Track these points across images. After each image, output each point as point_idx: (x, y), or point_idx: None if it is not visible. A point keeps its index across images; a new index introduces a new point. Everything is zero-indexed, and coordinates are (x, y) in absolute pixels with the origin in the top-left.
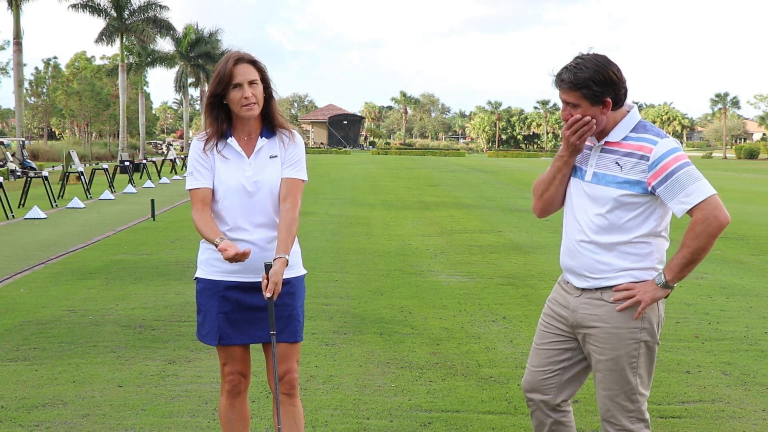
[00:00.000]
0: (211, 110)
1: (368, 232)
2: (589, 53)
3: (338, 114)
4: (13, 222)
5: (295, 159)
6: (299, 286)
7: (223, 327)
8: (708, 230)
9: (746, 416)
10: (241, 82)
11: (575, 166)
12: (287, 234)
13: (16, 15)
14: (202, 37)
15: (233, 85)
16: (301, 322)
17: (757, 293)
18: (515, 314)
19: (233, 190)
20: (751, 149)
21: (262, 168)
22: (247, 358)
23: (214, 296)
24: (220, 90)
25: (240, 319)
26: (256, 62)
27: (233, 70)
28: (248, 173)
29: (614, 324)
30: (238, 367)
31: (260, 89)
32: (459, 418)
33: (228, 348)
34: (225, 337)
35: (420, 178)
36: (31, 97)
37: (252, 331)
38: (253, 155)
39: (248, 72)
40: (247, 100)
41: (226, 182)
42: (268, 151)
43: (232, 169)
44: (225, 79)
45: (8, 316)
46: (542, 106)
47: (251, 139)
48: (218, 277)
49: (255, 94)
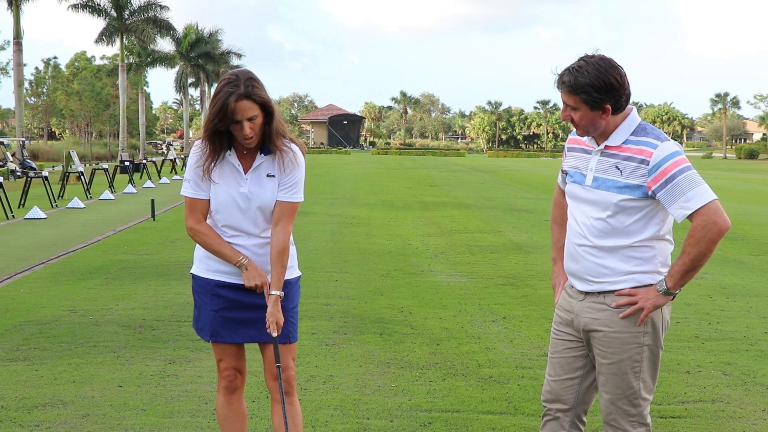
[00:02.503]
0: (212, 135)
1: (368, 232)
2: (594, 55)
3: (338, 114)
4: (13, 222)
5: (293, 182)
6: (293, 288)
7: (215, 325)
8: (708, 236)
9: (746, 416)
10: (240, 119)
11: (574, 172)
12: (279, 267)
13: (16, 15)
14: (202, 37)
15: (233, 121)
16: (294, 323)
17: (757, 293)
18: (515, 314)
19: (226, 204)
20: (751, 149)
21: (257, 185)
22: (242, 354)
23: (206, 293)
24: (221, 126)
25: (232, 318)
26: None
27: (234, 108)
28: (243, 189)
29: (617, 328)
30: (233, 363)
31: (259, 121)
32: (459, 418)
33: (221, 344)
34: (216, 335)
35: (420, 178)
36: (31, 97)
37: (243, 331)
38: (251, 171)
39: (247, 109)
40: (245, 136)
41: (220, 197)
42: (265, 169)
43: (228, 183)
44: (228, 116)
45: (8, 316)
46: (542, 106)
47: (250, 154)
48: (210, 275)
49: (253, 128)
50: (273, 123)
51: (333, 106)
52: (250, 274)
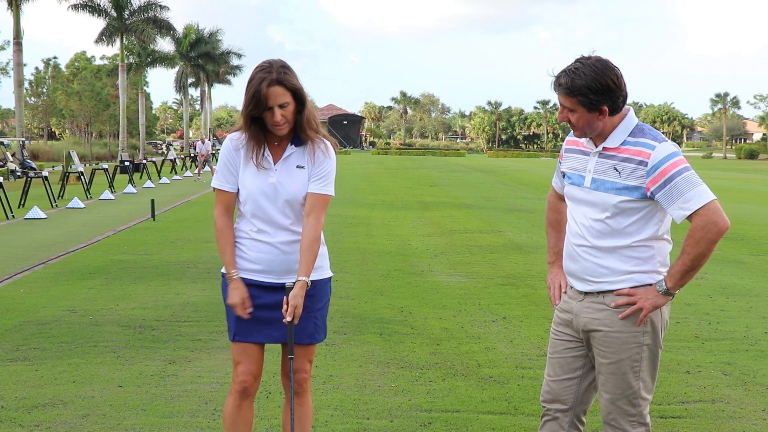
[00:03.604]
0: (250, 124)
1: (368, 232)
2: (590, 57)
3: (338, 114)
4: (13, 222)
5: (324, 173)
6: (321, 288)
7: (240, 323)
8: (707, 236)
9: (746, 416)
10: (272, 105)
11: (572, 173)
12: (309, 254)
13: (16, 15)
14: (202, 37)
15: (266, 107)
16: (319, 325)
17: (757, 293)
18: (515, 314)
19: (255, 195)
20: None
21: (287, 176)
22: (261, 360)
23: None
24: (256, 113)
25: (257, 318)
26: (287, 84)
27: (267, 93)
28: (272, 180)
29: (616, 328)
30: (251, 367)
31: (291, 109)
32: (459, 418)
33: (243, 345)
34: (240, 333)
35: (420, 178)
36: (31, 97)
37: (268, 330)
38: (280, 162)
39: (279, 95)
40: (276, 122)
41: (249, 187)
42: (295, 160)
43: (256, 174)
44: (261, 102)
45: (8, 316)
46: (542, 106)
47: (281, 145)
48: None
49: (285, 115)
50: (305, 112)
51: (333, 106)
52: (233, 291)
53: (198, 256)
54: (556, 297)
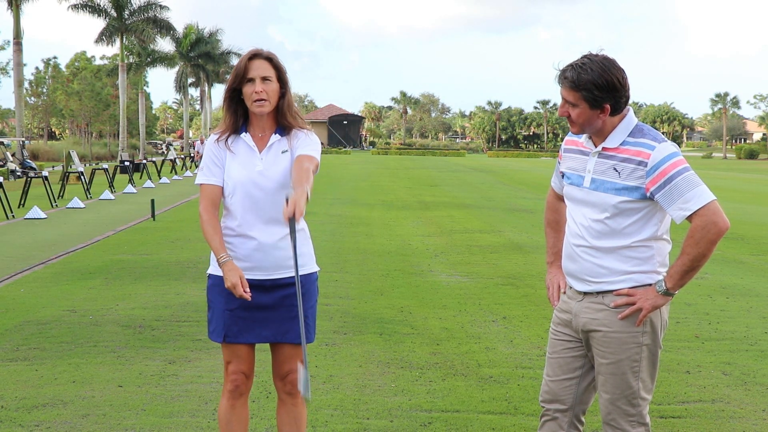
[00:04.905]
0: (229, 104)
1: (368, 232)
2: (597, 54)
3: (338, 114)
4: (13, 222)
5: (307, 144)
6: (310, 285)
7: (229, 324)
8: (707, 237)
9: (746, 416)
10: (254, 77)
11: (572, 173)
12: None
13: (16, 15)
14: (202, 37)
15: (247, 79)
16: (311, 324)
17: (757, 293)
18: (515, 314)
19: (242, 185)
20: (751, 149)
21: (273, 163)
22: (252, 359)
23: (222, 292)
24: (236, 84)
25: (247, 318)
26: (272, 59)
27: (248, 65)
28: (258, 168)
29: (616, 328)
30: (242, 367)
31: (274, 87)
32: (459, 418)
33: (233, 346)
34: (230, 335)
35: (420, 178)
36: (31, 97)
37: (258, 330)
38: (265, 150)
39: (263, 68)
40: (257, 95)
41: (235, 177)
42: (279, 147)
43: (243, 163)
44: (240, 72)
45: (8, 316)
46: (542, 106)
47: (265, 136)
48: None
49: (266, 90)
50: (287, 96)
51: (333, 106)
52: (229, 273)
53: (198, 256)
54: (554, 297)
